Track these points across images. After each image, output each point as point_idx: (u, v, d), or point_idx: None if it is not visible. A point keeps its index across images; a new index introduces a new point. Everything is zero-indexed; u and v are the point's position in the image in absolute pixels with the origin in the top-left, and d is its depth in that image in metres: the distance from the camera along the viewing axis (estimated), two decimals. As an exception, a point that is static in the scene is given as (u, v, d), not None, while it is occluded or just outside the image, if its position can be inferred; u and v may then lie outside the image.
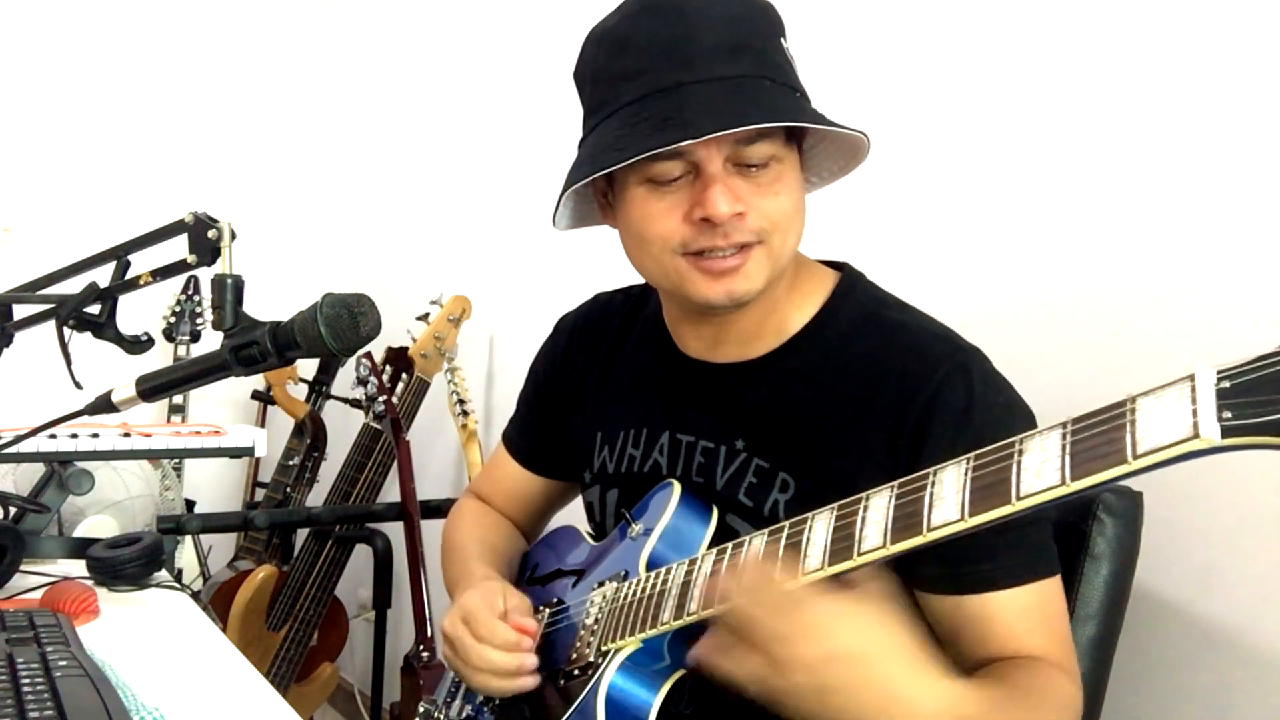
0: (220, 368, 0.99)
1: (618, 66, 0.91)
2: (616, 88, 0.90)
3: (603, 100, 0.93)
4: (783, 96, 0.89)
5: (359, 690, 2.86)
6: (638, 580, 0.94)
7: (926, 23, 1.44)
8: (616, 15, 0.94)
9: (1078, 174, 1.26)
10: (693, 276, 0.92)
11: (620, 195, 0.95)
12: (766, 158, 0.89)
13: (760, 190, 0.89)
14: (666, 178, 0.89)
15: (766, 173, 0.89)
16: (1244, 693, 1.09)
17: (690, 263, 0.91)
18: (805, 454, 0.94)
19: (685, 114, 0.84)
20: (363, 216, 3.08)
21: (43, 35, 2.74)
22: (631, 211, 0.93)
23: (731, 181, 0.88)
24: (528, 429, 1.25)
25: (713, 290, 0.91)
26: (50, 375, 1.13)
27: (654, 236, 0.92)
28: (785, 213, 0.91)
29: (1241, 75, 1.09)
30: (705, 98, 0.85)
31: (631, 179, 0.92)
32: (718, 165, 0.88)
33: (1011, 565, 0.86)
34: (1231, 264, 1.10)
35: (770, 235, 0.90)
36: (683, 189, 0.90)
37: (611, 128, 0.90)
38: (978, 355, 0.93)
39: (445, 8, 2.64)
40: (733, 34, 0.88)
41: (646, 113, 0.87)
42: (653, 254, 0.93)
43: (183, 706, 0.95)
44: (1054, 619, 0.88)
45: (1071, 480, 0.58)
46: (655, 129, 0.85)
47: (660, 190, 0.90)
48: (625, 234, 0.97)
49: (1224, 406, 0.52)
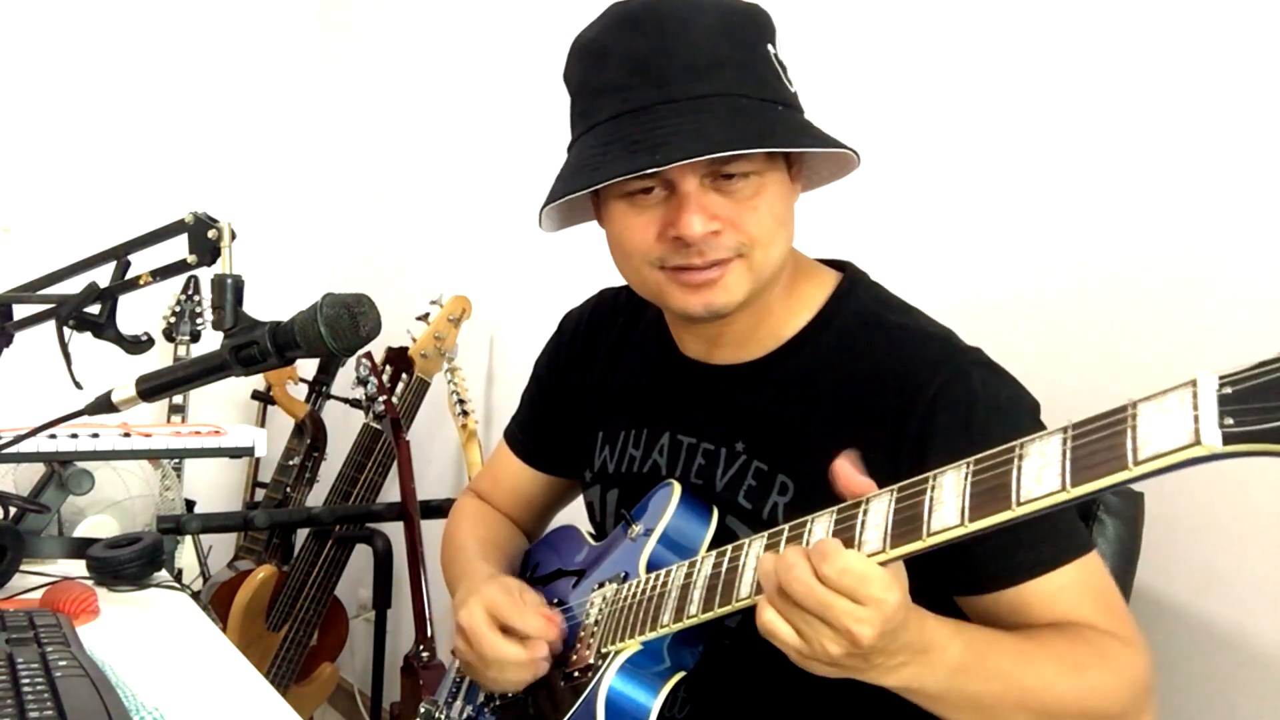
0: (220, 368, 0.99)
1: (596, 80, 0.91)
2: (596, 101, 0.91)
3: (583, 112, 0.93)
4: (759, 114, 0.88)
5: (359, 690, 2.85)
6: (638, 581, 0.94)
7: (927, 23, 1.44)
8: (598, 25, 0.93)
9: (1078, 175, 1.25)
10: (671, 289, 0.92)
11: (604, 206, 0.96)
12: (745, 171, 0.88)
13: (738, 206, 0.89)
14: (642, 191, 0.90)
15: (746, 185, 0.89)
16: (1244, 693, 1.09)
17: (669, 276, 0.92)
18: (805, 457, 0.93)
19: (655, 136, 0.84)
20: (363, 216, 3.08)
21: (43, 35, 2.74)
22: (613, 224, 0.95)
23: (708, 199, 0.88)
24: (531, 425, 1.25)
25: (690, 302, 0.92)
26: (50, 375, 1.13)
27: (632, 250, 0.93)
28: (765, 227, 0.90)
29: (1241, 76, 1.09)
30: (675, 121, 0.85)
31: (612, 193, 0.92)
32: (693, 184, 0.87)
33: (1042, 555, 0.85)
34: (1234, 268, 1.10)
35: (750, 249, 0.90)
36: (659, 205, 0.90)
37: (588, 144, 0.90)
38: (979, 357, 0.93)
39: (445, 9, 2.64)
40: (710, 49, 0.87)
41: (620, 133, 0.87)
42: (633, 265, 0.94)
43: (183, 706, 0.95)
44: (1099, 589, 0.87)
45: (1072, 486, 0.58)
46: (626, 151, 0.85)
47: (638, 206, 0.91)
48: (610, 244, 0.98)
49: (1226, 413, 0.51)
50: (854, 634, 0.69)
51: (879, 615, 0.69)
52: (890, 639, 0.71)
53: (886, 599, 0.69)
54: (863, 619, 0.69)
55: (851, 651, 0.70)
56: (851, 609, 0.69)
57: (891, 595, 0.69)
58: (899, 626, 0.71)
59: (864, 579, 0.68)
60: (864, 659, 0.72)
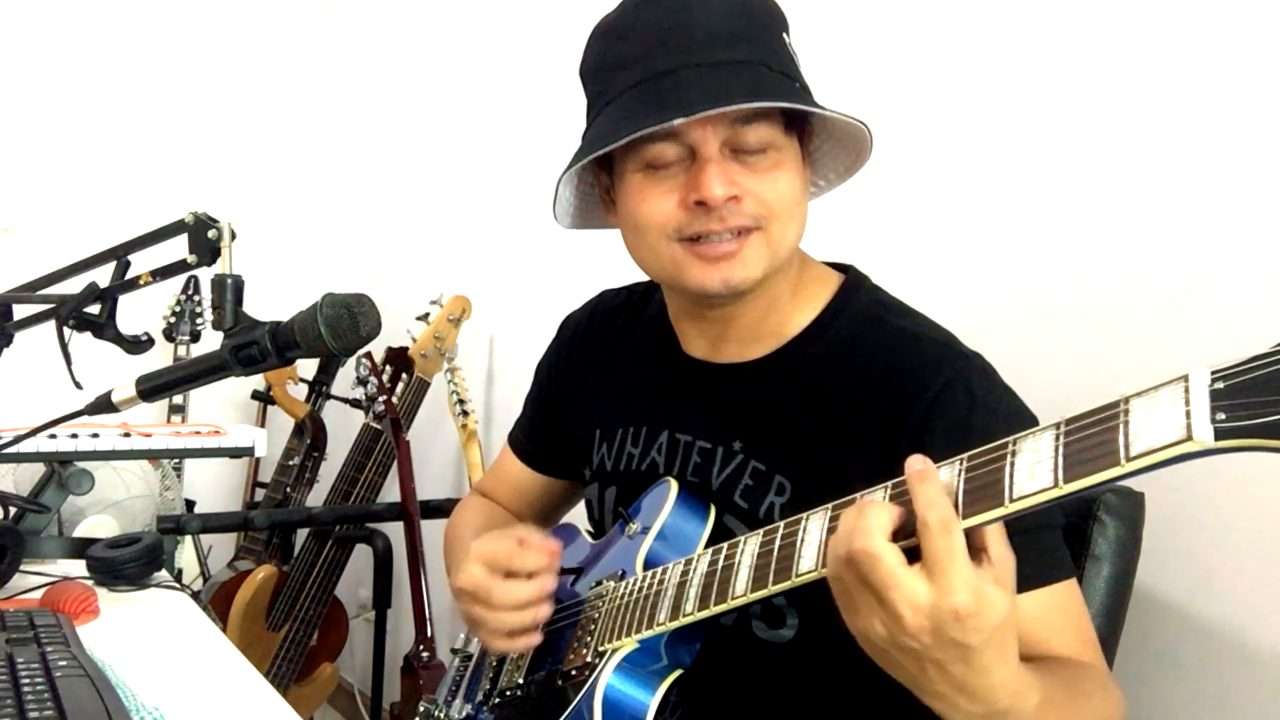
0: (220, 368, 0.99)
1: (616, 55, 0.91)
2: (615, 76, 0.91)
3: (600, 91, 0.93)
4: (781, 82, 0.89)
5: (359, 690, 2.86)
6: (635, 579, 0.94)
7: (928, 26, 1.44)
8: (619, 9, 0.94)
9: (1076, 176, 1.25)
10: (689, 263, 0.91)
11: (619, 186, 0.95)
12: (764, 143, 0.88)
13: (758, 175, 0.89)
14: (662, 162, 0.89)
15: (764, 159, 0.89)
16: (1244, 693, 1.09)
17: (686, 249, 0.91)
18: (803, 458, 0.93)
19: (680, 95, 0.84)
20: (363, 216, 3.08)
21: (43, 35, 2.74)
22: (629, 199, 0.93)
23: (727, 166, 0.88)
24: (533, 428, 1.25)
25: (709, 277, 0.90)
26: (50, 375, 1.13)
27: (650, 223, 0.91)
28: (784, 199, 0.90)
29: (1240, 76, 1.09)
30: (701, 80, 0.85)
31: (629, 166, 0.92)
32: (713, 148, 0.87)
33: (1025, 572, 0.84)
34: (1227, 266, 1.10)
35: (769, 222, 0.90)
36: (679, 174, 0.90)
37: (610, 114, 0.90)
38: (980, 362, 0.92)
39: (445, 8, 2.64)
40: (732, 22, 0.88)
41: (643, 96, 0.87)
42: (649, 242, 0.93)
43: (183, 706, 0.95)
44: (1077, 618, 0.87)
45: (1064, 482, 0.58)
46: (651, 110, 0.85)
47: (657, 176, 0.90)
48: (624, 225, 0.97)
49: (1218, 408, 0.51)
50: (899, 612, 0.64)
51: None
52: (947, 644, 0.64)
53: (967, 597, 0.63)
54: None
55: (895, 631, 0.65)
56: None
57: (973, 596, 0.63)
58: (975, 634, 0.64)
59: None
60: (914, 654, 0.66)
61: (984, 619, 0.63)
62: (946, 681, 0.66)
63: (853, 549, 0.65)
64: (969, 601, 0.63)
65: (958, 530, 0.63)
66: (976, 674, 0.66)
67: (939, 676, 0.66)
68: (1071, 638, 0.85)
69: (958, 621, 0.63)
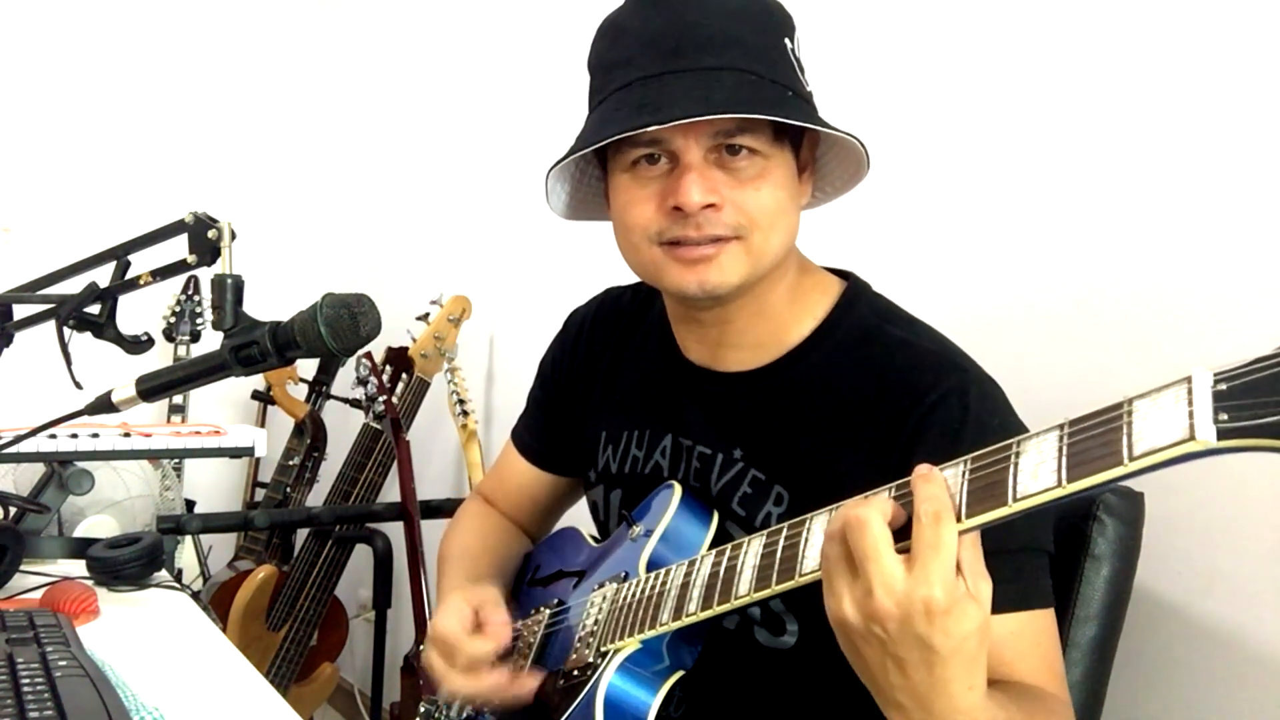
0: (220, 368, 0.99)
1: (610, 56, 0.92)
2: (609, 75, 0.91)
3: (597, 88, 0.94)
4: (768, 91, 0.87)
5: (359, 690, 2.86)
6: (637, 581, 0.94)
7: (930, 31, 1.44)
8: (621, 7, 0.95)
9: (1075, 177, 1.26)
10: (667, 265, 0.91)
11: (610, 184, 0.96)
12: (750, 149, 0.88)
13: (739, 184, 0.88)
14: (648, 163, 0.90)
15: (749, 167, 0.88)
16: (1244, 693, 1.09)
17: (665, 251, 0.91)
18: (801, 469, 0.93)
19: (660, 99, 0.85)
20: (363, 216, 3.08)
21: (43, 35, 2.74)
22: (617, 198, 0.95)
23: (709, 173, 0.88)
24: (536, 426, 1.24)
25: (685, 279, 0.91)
26: (50, 375, 1.13)
27: (633, 224, 0.92)
28: (765, 209, 0.89)
29: (1239, 76, 1.10)
30: (682, 87, 0.85)
31: (618, 166, 0.93)
32: (696, 155, 0.87)
33: (1002, 595, 0.78)
34: (1229, 268, 1.10)
35: (749, 232, 0.89)
36: (662, 178, 0.90)
37: (600, 113, 0.91)
38: (978, 376, 0.91)
39: (445, 8, 2.64)
40: (728, 27, 0.88)
41: (628, 99, 0.87)
42: (633, 242, 0.94)
43: (183, 706, 0.95)
44: (1047, 648, 0.85)
45: (1068, 482, 0.58)
46: (632, 114, 0.85)
47: (641, 178, 0.91)
48: (614, 224, 0.98)
49: (1220, 409, 0.51)
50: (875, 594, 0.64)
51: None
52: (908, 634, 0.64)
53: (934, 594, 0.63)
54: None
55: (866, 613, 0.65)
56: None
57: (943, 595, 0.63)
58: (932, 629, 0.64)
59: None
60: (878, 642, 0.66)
61: (953, 622, 0.64)
62: (907, 689, 0.67)
63: (847, 517, 0.66)
64: (941, 598, 0.63)
65: (948, 526, 0.64)
66: (938, 687, 0.66)
67: (900, 681, 0.67)
68: (1039, 665, 0.84)
69: (926, 615, 0.63)
